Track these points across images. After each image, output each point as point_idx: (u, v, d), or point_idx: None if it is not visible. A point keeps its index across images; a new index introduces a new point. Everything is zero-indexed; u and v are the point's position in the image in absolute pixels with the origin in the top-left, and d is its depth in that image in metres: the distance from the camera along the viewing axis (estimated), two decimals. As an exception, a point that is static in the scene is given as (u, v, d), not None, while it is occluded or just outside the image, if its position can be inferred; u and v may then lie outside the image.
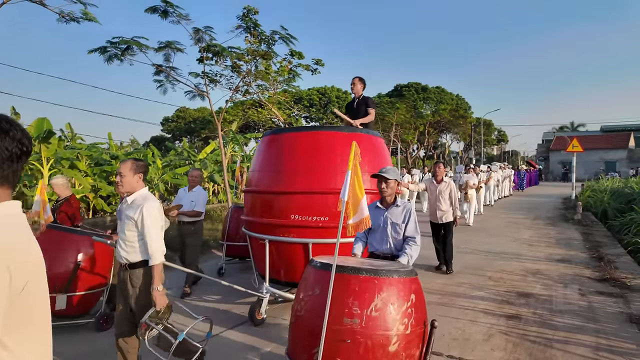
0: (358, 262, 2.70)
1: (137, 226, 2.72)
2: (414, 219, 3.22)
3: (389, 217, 3.25)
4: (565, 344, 3.66)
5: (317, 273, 2.51)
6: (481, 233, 9.66)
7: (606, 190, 13.76)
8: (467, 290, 5.24)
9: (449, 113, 35.11)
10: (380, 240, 3.29)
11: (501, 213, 13.51)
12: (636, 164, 38.68)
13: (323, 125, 6.19)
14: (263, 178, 4.45)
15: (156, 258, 2.71)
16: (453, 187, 6.38)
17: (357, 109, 5.15)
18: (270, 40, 11.28)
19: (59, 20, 7.35)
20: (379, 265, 2.56)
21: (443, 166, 6.62)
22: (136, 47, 9.45)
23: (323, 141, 4.28)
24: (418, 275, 2.59)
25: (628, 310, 4.42)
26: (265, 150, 4.56)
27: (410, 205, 3.31)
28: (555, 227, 10.55)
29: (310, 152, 4.19)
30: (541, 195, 20.82)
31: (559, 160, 43.86)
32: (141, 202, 2.75)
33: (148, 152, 15.46)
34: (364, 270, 2.36)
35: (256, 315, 4.16)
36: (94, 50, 9.25)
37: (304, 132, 4.57)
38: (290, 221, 4.08)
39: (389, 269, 2.42)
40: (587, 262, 6.68)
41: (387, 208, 3.29)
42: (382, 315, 2.24)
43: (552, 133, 57.14)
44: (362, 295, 2.27)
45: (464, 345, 3.67)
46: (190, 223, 5.26)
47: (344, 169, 4.08)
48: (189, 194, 5.33)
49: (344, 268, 2.36)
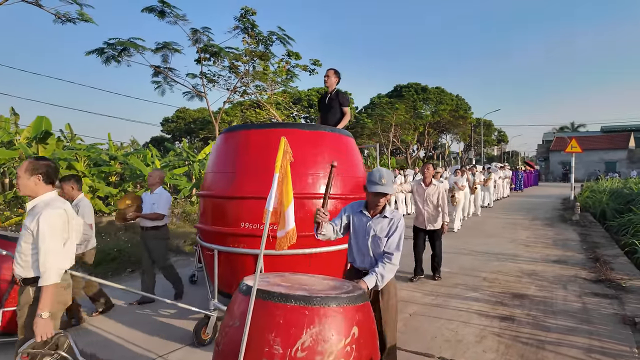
0: (294, 284, 2.21)
1: (33, 237, 2.30)
2: (399, 233, 2.68)
3: (372, 228, 2.71)
4: (557, 345, 3.64)
5: (241, 299, 2.06)
6: (478, 234, 9.65)
7: (605, 191, 13.74)
8: (462, 292, 5.23)
9: (449, 113, 35.08)
10: (359, 253, 2.80)
11: (499, 214, 13.49)
12: (636, 164, 38.63)
13: (281, 122, 5.28)
14: (215, 181, 3.96)
15: (48, 277, 2.25)
16: (442, 191, 5.91)
17: (330, 105, 4.79)
18: (268, 41, 11.31)
19: (55, 21, 7.37)
20: (318, 290, 2.11)
21: (433, 167, 6.08)
22: (133, 49, 9.48)
23: (278, 140, 3.86)
24: (369, 300, 2.22)
25: (622, 312, 4.41)
26: (220, 149, 4.07)
27: (400, 216, 2.75)
28: (553, 227, 10.54)
29: (263, 152, 3.58)
30: (540, 196, 20.80)
31: (559, 161, 43.82)
32: (40, 210, 2.32)
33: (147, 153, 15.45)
34: (293, 297, 1.91)
35: (202, 334, 3.71)
36: (91, 52, 9.28)
37: (257, 130, 3.94)
38: (241, 229, 3.59)
39: (327, 295, 1.99)
40: (584, 263, 6.67)
41: (373, 217, 2.74)
42: (309, 356, 1.82)
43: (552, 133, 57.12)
44: (287, 330, 1.85)
45: (456, 346, 3.66)
46: (153, 228, 4.85)
47: (308, 172, 3.67)
48: (150, 196, 4.92)
49: (268, 294, 1.95)
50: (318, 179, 3.70)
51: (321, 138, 3.92)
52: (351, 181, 3.98)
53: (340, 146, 4.04)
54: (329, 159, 3.65)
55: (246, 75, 11.98)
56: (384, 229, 2.68)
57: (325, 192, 2.61)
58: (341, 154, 3.96)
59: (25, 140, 12.03)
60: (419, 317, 4.36)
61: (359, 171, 4.20)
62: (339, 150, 3.96)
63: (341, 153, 3.97)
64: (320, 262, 3.66)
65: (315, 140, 3.85)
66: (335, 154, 3.83)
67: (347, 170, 3.94)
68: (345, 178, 3.89)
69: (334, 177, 2.51)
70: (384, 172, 2.60)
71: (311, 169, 3.71)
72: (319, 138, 3.90)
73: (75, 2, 7.29)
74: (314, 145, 3.82)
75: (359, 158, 4.35)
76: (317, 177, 3.71)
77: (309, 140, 3.81)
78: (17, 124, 14.63)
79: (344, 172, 3.85)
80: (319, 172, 3.71)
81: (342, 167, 3.73)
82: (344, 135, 4.22)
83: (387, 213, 2.71)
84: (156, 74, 10.97)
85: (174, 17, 9.81)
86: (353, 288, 2.20)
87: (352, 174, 4.04)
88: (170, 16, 9.77)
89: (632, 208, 9.47)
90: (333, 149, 3.91)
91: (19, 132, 13.22)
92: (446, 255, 7.34)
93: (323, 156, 3.78)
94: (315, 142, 3.84)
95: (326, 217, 2.62)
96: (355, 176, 4.08)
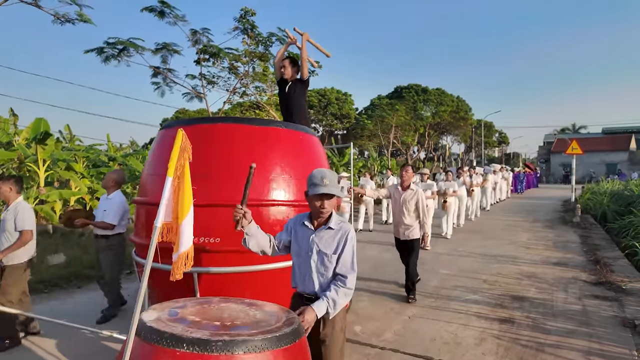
0: (208, 317, 1.78)
1: None
2: (350, 248, 2.19)
3: (316, 243, 2.21)
4: (557, 348, 3.61)
5: (135, 342, 1.65)
6: (478, 236, 9.61)
7: (606, 193, 13.71)
8: (462, 294, 5.19)
9: (450, 115, 35.09)
10: (300, 274, 2.27)
11: (500, 215, 13.45)
12: (637, 166, 38.59)
13: (228, 117, 4.81)
14: (148, 185, 3.45)
15: None
16: (421, 197, 5.08)
17: (289, 95, 4.25)
18: (268, 42, 11.31)
19: (54, 21, 7.37)
20: (236, 326, 1.69)
21: (412, 170, 5.32)
22: (132, 49, 9.48)
23: (219, 137, 3.22)
24: (304, 336, 1.81)
25: (622, 314, 4.38)
26: (156, 148, 3.56)
27: (349, 228, 2.24)
28: (554, 229, 10.50)
29: (200, 152, 2.92)
30: (541, 198, 20.75)
31: (560, 162, 43.77)
32: None
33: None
34: (186, 341, 1.45)
35: None
36: (90, 51, 9.28)
37: (196, 126, 3.34)
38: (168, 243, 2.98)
39: (235, 337, 1.51)
40: (584, 265, 6.63)
41: (316, 229, 2.24)
42: None
43: (553, 135, 57.07)
44: None
45: (455, 349, 3.63)
46: (102, 237, 4.38)
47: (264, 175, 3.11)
48: (104, 201, 4.47)
49: (157, 334, 1.50)
50: (267, 183, 3.19)
51: (275, 136, 3.37)
52: None
53: (299, 145, 3.52)
54: (284, 161, 3.28)
55: (246, 76, 11.98)
56: (330, 244, 2.19)
57: (244, 191, 2.24)
58: (300, 153, 3.48)
59: (24, 141, 12.03)
60: (417, 320, 4.33)
61: None
62: (297, 150, 3.47)
63: (300, 153, 3.49)
64: (274, 281, 3.08)
65: (267, 138, 3.32)
66: (292, 154, 3.38)
67: (305, 173, 3.17)
68: (303, 182, 3.17)
69: (252, 179, 2.20)
70: (326, 172, 2.18)
71: (259, 172, 3.11)
72: (273, 135, 3.36)
73: (74, 3, 7.29)
74: (266, 143, 3.30)
75: (323, 159, 3.81)
76: (267, 182, 3.19)
77: (259, 137, 3.27)
78: (16, 124, 14.64)
79: (300, 176, 3.31)
80: (269, 175, 3.21)
81: (299, 169, 3.32)
82: (305, 132, 3.64)
83: (332, 224, 2.21)
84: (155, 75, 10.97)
85: (173, 17, 9.82)
86: (283, 324, 1.73)
87: None
88: (169, 17, 9.78)
89: (632, 210, 9.43)
90: (289, 148, 3.40)
91: (18, 133, 13.23)
92: (446, 257, 7.34)
93: (275, 157, 3.29)
94: (267, 140, 3.32)
95: (241, 214, 2.20)
96: None
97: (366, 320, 4.31)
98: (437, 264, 6.81)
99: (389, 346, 3.69)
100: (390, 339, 3.84)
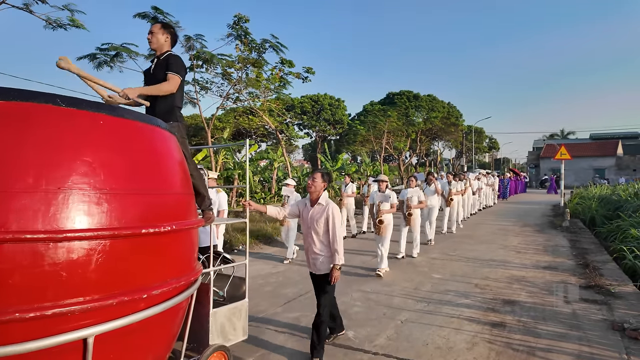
0: None
1: None
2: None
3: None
4: (547, 352, 3.66)
5: None
6: (469, 240, 9.69)
7: (594, 198, 13.92)
8: (453, 298, 5.23)
9: (441, 121, 35.42)
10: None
11: (490, 220, 13.58)
12: (624, 171, 39.24)
13: None
14: None
15: None
16: (333, 214, 3.55)
17: (154, 75, 3.08)
18: (261, 49, 11.36)
19: (46, 27, 7.33)
20: None
21: (321, 178, 3.65)
22: (126, 54, 9.46)
23: None
24: None
25: (611, 318, 4.44)
26: None
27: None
28: (544, 234, 10.62)
29: None
30: (531, 202, 20.98)
31: (549, 168, 44.34)
32: None
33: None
34: None
35: None
36: (83, 57, 9.23)
37: None
38: None
39: None
40: (573, 269, 6.72)
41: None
42: None
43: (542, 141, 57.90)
44: None
45: (447, 354, 3.65)
46: None
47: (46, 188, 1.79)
48: None
49: None
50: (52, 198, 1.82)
51: (70, 121, 1.98)
52: (145, 203, 2.15)
53: (129, 139, 2.18)
54: (119, 163, 2.08)
55: (239, 82, 12.00)
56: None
57: None
58: (146, 157, 2.25)
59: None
60: (410, 324, 4.35)
61: (171, 185, 2.39)
62: (119, 148, 2.12)
63: (147, 155, 2.25)
64: None
65: (57, 126, 1.95)
66: (106, 154, 2.04)
67: (130, 184, 2.10)
68: (129, 198, 2.07)
69: None
70: None
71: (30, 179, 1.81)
72: (65, 122, 1.97)
73: (66, 8, 7.26)
74: (54, 135, 1.93)
75: (181, 162, 2.59)
76: (52, 195, 1.82)
77: (59, 128, 1.93)
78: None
79: (126, 187, 2.08)
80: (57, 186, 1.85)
81: (120, 177, 2.06)
82: (154, 125, 2.38)
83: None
84: (148, 80, 10.93)
85: (166, 23, 9.81)
86: None
87: (150, 189, 2.21)
88: (162, 23, 9.77)
89: (620, 214, 9.59)
90: (102, 145, 2.04)
91: None
92: (438, 261, 7.39)
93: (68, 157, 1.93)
94: (58, 129, 1.94)
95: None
96: (160, 193, 2.27)
97: (359, 325, 4.33)
98: (430, 268, 6.86)
99: (381, 351, 3.71)
100: (383, 344, 3.86)
